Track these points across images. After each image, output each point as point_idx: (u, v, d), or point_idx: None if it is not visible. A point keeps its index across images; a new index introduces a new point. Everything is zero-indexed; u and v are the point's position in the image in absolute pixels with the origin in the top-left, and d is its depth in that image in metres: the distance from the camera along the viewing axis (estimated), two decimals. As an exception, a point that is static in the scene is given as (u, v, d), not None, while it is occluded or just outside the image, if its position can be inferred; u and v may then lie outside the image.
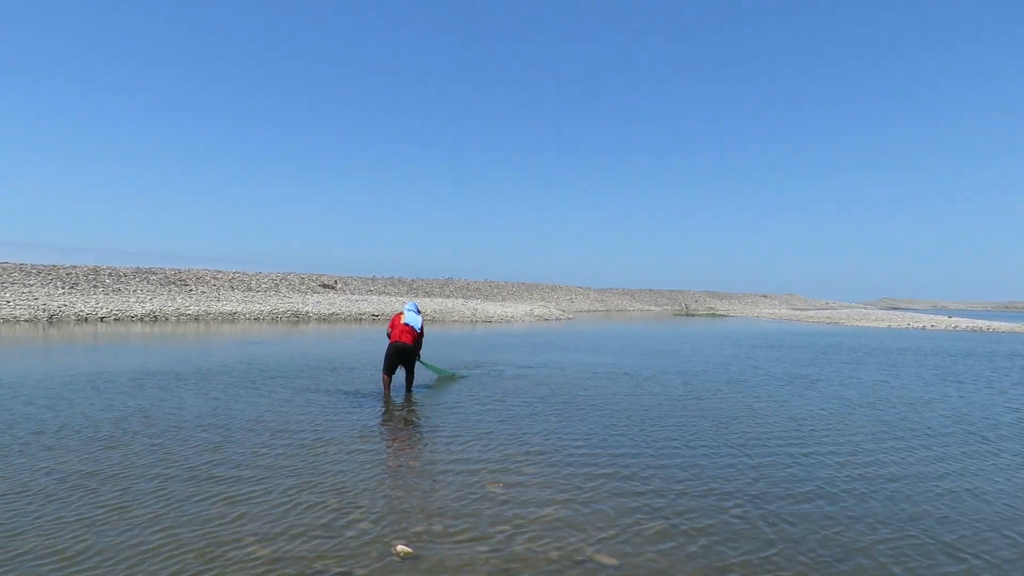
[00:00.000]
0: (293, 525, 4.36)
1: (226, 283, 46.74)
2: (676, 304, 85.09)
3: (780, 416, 8.76)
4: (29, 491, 4.94)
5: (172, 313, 30.55)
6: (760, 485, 5.53)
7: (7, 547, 3.90)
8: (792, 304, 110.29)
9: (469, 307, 45.13)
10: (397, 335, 9.91)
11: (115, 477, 5.34)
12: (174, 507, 4.65)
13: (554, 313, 48.42)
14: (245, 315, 32.36)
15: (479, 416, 8.31)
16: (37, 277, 37.24)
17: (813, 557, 4.06)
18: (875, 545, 4.28)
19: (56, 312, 27.32)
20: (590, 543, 4.18)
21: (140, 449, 6.25)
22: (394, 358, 9.87)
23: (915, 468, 6.25)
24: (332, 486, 5.24)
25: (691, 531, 4.44)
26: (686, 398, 10.14)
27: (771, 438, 7.38)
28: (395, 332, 9.96)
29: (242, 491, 5.05)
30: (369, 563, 3.80)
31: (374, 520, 4.50)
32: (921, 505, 5.14)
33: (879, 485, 5.64)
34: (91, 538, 4.06)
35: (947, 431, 8.01)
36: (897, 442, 7.34)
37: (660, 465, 6.10)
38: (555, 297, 73.54)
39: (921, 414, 9.13)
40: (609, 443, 6.96)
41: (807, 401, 10.10)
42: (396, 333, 9.94)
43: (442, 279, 70.80)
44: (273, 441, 6.71)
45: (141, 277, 42.93)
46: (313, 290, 50.82)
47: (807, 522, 4.67)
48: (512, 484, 5.40)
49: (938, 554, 4.18)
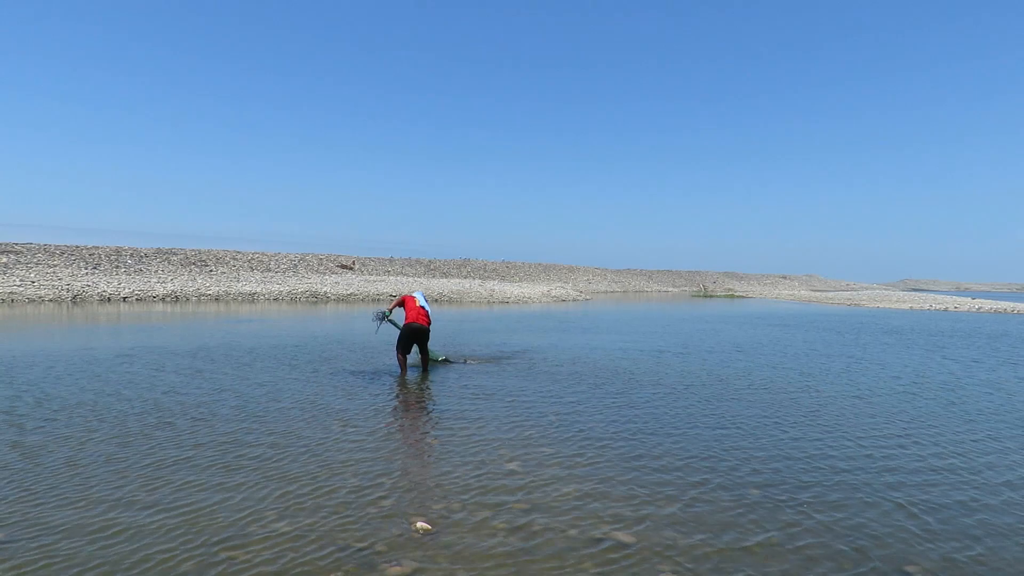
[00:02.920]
0: (314, 502, 4.42)
1: (245, 264, 47.17)
2: (694, 285, 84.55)
3: (804, 391, 8.70)
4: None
5: (193, 293, 30.93)
6: (779, 467, 5.52)
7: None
8: (812, 285, 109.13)
9: (486, 288, 45.19)
10: (413, 316, 9.95)
11: (143, 452, 5.46)
12: (195, 485, 4.75)
13: (571, 294, 48.34)
14: (264, 295, 32.68)
15: (497, 395, 8.35)
16: (60, 258, 37.83)
17: (834, 539, 4.04)
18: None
19: (80, 292, 27.76)
20: (608, 521, 4.20)
21: (182, 428, 6.37)
22: (410, 338, 9.93)
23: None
24: (352, 463, 5.30)
25: (709, 510, 4.44)
26: (702, 377, 10.10)
27: (806, 422, 7.34)
28: (411, 313, 9.99)
29: (262, 467, 5.13)
30: (389, 539, 3.85)
31: (394, 497, 4.55)
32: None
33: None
34: (118, 516, 4.16)
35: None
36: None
37: (678, 445, 6.10)
38: (572, 278, 73.38)
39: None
40: (627, 422, 6.96)
41: (850, 382, 10.01)
42: (412, 314, 9.97)
43: (459, 260, 70.90)
44: (292, 419, 6.81)
45: (162, 258, 43.45)
46: (331, 271, 51.17)
47: (841, 509, 4.65)
48: (530, 462, 5.43)
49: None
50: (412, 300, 10.23)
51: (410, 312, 10.03)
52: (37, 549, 3.62)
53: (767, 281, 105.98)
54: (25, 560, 3.49)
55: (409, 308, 10.10)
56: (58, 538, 3.76)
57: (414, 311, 10.02)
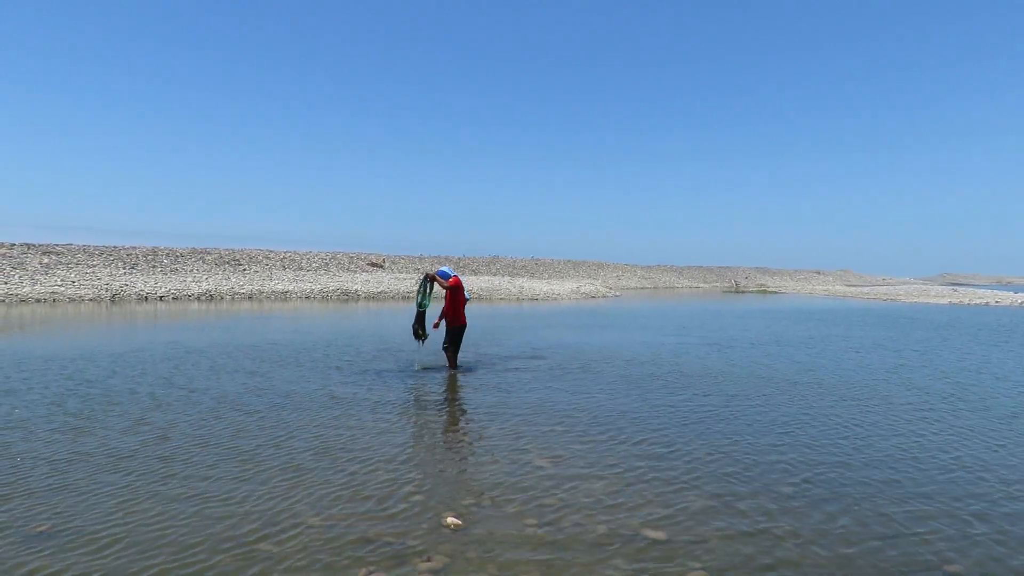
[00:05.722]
0: (346, 497, 4.47)
1: (278, 263, 47.86)
2: (725, 281, 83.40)
3: (846, 391, 8.54)
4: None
5: (227, 292, 31.51)
6: (813, 462, 5.42)
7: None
8: (847, 280, 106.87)
9: (515, 284, 45.21)
10: (463, 315, 9.99)
11: (187, 445, 5.58)
12: (234, 477, 4.83)
13: (601, 290, 48.08)
14: (296, 294, 33.13)
15: (527, 393, 8.34)
16: (99, 258, 38.80)
17: (867, 536, 3.96)
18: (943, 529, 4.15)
19: (118, 291, 28.46)
20: (638, 517, 4.17)
21: (224, 425, 6.51)
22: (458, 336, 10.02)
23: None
24: (383, 459, 5.35)
25: (740, 507, 4.38)
26: (739, 374, 9.97)
27: (844, 420, 7.21)
28: (462, 312, 9.97)
29: (295, 462, 5.21)
30: (420, 534, 3.87)
31: (425, 492, 4.58)
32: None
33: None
34: (160, 508, 4.26)
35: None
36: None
37: (711, 444, 6.02)
38: (601, 274, 72.97)
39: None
40: (660, 420, 6.91)
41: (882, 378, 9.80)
42: (463, 313, 9.98)
43: (488, 257, 70.96)
44: (322, 415, 6.89)
45: (197, 257, 44.29)
46: (362, 269, 51.66)
47: (867, 502, 4.55)
48: (560, 459, 5.42)
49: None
50: (460, 292, 9.99)
51: (461, 310, 9.97)
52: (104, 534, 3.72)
53: (800, 277, 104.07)
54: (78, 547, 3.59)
55: (461, 304, 9.96)
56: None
57: (462, 309, 10.00)
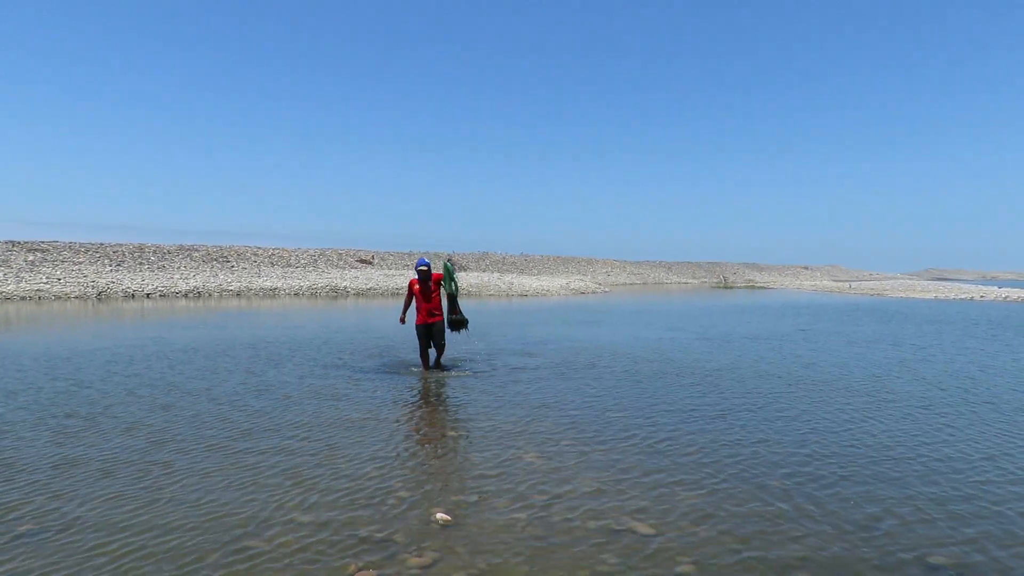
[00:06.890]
0: (335, 493, 4.45)
1: (266, 259, 47.61)
2: (714, 276, 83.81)
3: (835, 385, 8.59)
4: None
5: (215, 289, 31.32)
6: (811, 461, 5.45)
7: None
8: (834, 275, 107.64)
9: (505, 281, 45.21)
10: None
11: (175, 441, 5.54)
12: (222, 474, 4.80)
13: (590, 286, 48.20)
14: (285, 290, 32.98)
15: (515, 388, 8.34)
16: (85, 256, 38.44)
17: (849, 530, 3.98)
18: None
19: (104, 289, 28.21)
20: (628, 512, 4.17)
21: (214, 422, 6.46)
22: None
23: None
24: (372, 456, 5.33)
25: (729, 503, 4.39)
26: (730, 368, 10.01)
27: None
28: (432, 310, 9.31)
29: (284, 460, 5.17)
30: (409, 530, 3.86)
31: (414, 489, 4.57)
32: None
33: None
34: (148, 505, 4.22)
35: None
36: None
37: (703, 437, 6.04)
38: (591, 270, 73.13)
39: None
40: (647, 415, 6.91)
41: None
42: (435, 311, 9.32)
43: (478, 253, 70.91)
44: (313, 413, 6.86)
45: (184, 254, 43.98)
46: (351, 265, 51.49)
47: (862, 501, 4.58)
48: (549, 453, 5.42)
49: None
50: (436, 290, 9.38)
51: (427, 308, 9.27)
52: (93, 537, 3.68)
53: (788, 272, 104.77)
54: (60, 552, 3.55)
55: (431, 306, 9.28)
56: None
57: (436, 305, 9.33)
